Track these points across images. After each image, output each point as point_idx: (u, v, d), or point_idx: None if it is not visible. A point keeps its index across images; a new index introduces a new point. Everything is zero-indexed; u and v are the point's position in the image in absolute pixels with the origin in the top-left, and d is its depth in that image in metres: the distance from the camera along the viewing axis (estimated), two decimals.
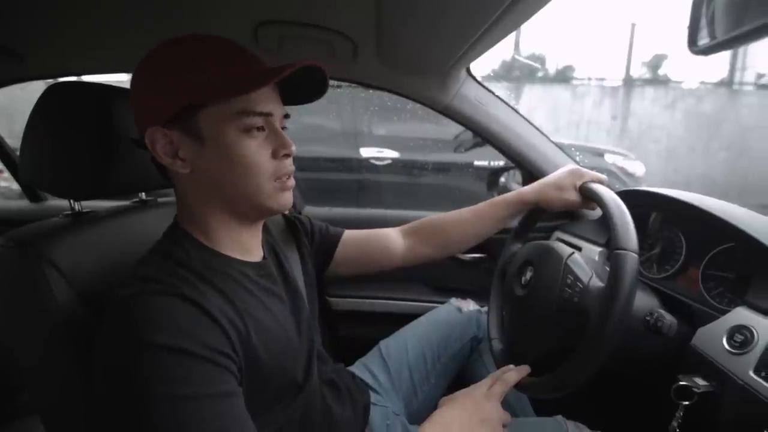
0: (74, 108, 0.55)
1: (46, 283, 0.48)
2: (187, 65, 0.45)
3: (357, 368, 0.79)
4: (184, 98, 0.44)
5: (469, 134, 1.94)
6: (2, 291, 0.50)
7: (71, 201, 0.60)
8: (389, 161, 2.65)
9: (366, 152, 2.70)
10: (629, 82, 5.62)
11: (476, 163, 2.51)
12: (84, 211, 0.60)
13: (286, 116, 0.51)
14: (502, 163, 2.51)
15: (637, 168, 3.30)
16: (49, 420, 0.53)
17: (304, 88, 0.52)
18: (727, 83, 5.49)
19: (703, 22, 0.40)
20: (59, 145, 0.54)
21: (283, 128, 0.51)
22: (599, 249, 0.85)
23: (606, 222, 0.57)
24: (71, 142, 0.54)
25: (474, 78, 0.96)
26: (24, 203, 1.30)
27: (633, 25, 5.60)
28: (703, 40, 0.40)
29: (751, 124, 4.92)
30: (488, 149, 1.05)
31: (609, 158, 3.30)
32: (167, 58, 0.46)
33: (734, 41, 0.37)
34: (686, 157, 5.05)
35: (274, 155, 0.48)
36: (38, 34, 0.77)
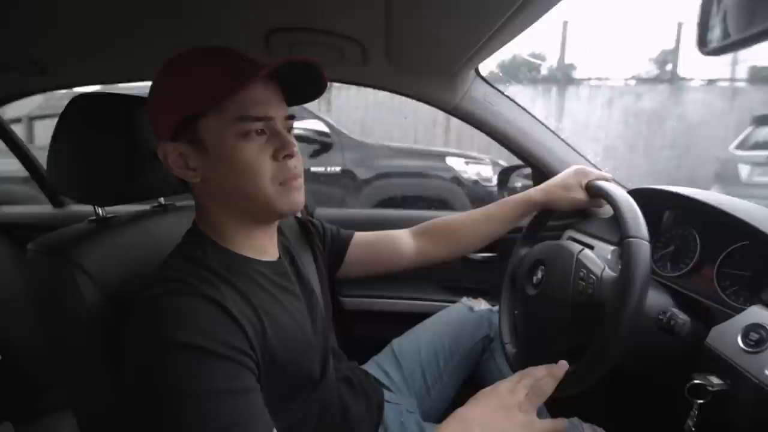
0: (97, 118, 0.57)
1: (76, 287, 0.50)
2: (181, 80, 0.47)
3: (370, 366, 0.80)
4: (179, 112, 0.46)
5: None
6: (34, 294, 0.52)
7: (95, 207, 0.62)
8: None
9: None
10: (563, 81, 5.18)
11: (312, 169, 2.69)
12: (108, 216, 0.63)
13: (291, 117, 0.51)
14: (338, 169, 2.60)
15: (485, 171, 2.93)
16: (81, 416, 0.56)
17: (306, 85, 0.52)
18: (671, 79, 5.19)
19: (714, 21, 0.40)
20: (84, 153, 0.57)
21: (291, 129, 0.51)
22: (612, 248, 0.84)
23: (617, 218, 0.57)
24: (96, 151, 0.56)
25: (483, 78, 0.96)
26: (48, 208, 1.35)
27: (565, 23, 5.09)
28: (714, 41, 0.40)
29: (697, 121, 4.71)
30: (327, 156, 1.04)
31: (451, 161, 2.93)
32: (165, 77, 0.48)
33: (746, 42, 0.37)
34: (628, 154, 4.78)
35: (275, 157, 0.48)
36: (60, 46, 0.80)
